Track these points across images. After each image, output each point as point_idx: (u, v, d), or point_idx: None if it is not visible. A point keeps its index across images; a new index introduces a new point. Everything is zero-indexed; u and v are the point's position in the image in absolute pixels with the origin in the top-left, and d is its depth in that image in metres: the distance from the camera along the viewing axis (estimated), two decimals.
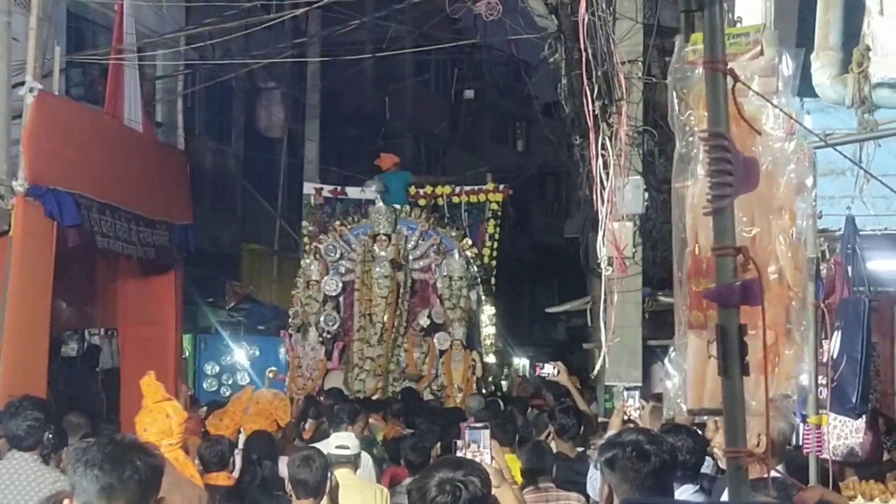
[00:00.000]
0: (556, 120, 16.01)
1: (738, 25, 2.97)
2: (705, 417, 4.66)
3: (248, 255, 19.36)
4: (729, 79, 2.48)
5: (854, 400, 6.10)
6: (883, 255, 8.59)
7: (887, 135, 6.16)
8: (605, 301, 10.16)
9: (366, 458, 8.56)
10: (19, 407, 6.55)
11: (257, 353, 18.38)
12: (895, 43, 5.09)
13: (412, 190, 17.91)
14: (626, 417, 7.30)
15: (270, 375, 14.75)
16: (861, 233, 6.93)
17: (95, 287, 13.74)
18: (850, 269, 6.37)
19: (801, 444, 6.26)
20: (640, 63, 11.56)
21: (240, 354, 18.10)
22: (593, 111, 8.95)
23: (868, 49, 5.23)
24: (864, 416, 6.74)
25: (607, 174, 10.72)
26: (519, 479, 7.21)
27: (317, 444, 7.72)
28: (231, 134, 19.81)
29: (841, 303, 6.27)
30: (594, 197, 10.00)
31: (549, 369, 9.55)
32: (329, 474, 6.48)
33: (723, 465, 4.69)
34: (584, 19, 8.62)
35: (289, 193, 21.00)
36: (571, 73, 13.13)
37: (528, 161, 24.63)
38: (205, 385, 17.89)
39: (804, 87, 6.17)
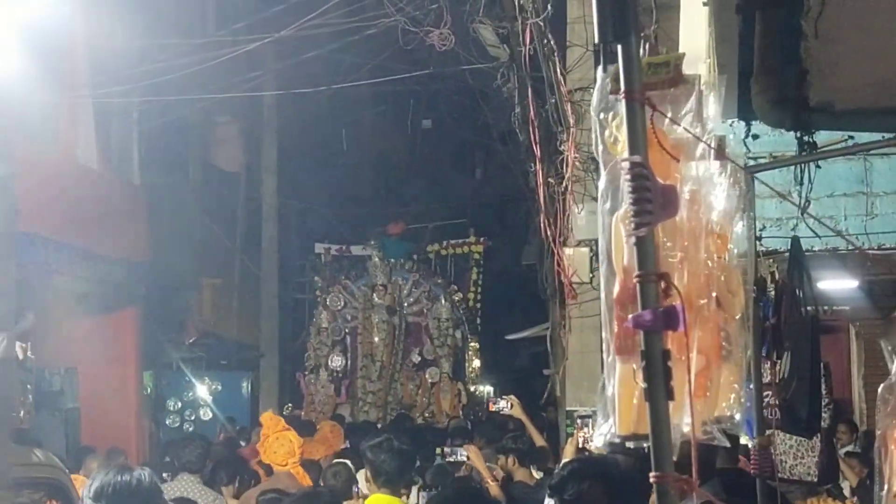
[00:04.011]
0: (513, 147, 16.10)
1: (663, 53, 3.02)
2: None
3: (208, 290, 19.28)
4: (648, 107, 2.53)
5: (805, 419, 6.15)
6: (833, 275, 8.68)
7: (814, 158, 6.25)
8: (557, 327, 10.23)
9: None
10: (188, 439, 9.09)
11: (220, 388, 18.30)
12: (830, 66, 5.16)
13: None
14: (580, 445, 7.36)
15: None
16: (808, 252, 7.00)
17: (54, 326, 13.64)
18: (797, 289, 6.42)
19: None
20: (591, 90, 11.63)
21: (202, 390, 17.98)
22: (537, 140, 9.03)
23: (806, 72, 5.29)
24: (818, 435, 6.79)
25: (563, 200, 10.81)
26: None
27: None
28: (188, 168, 19.72)
29: (789, 323, 6.33)
30: (541, 224, 10.10)
31: (502, 404, 9.69)
32: (356, 484, 8.41)
33: None
34: (529, 51, 8.70)
35: (248, 226, 20.91)
36: (524, 102, 13.22)
37: (488, 189, 24.69)
38: (167, 421, 17.74)
39: (751, 109, 6.24)
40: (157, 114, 17.35)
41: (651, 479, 2.46)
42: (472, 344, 20.39)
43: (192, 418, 17.75)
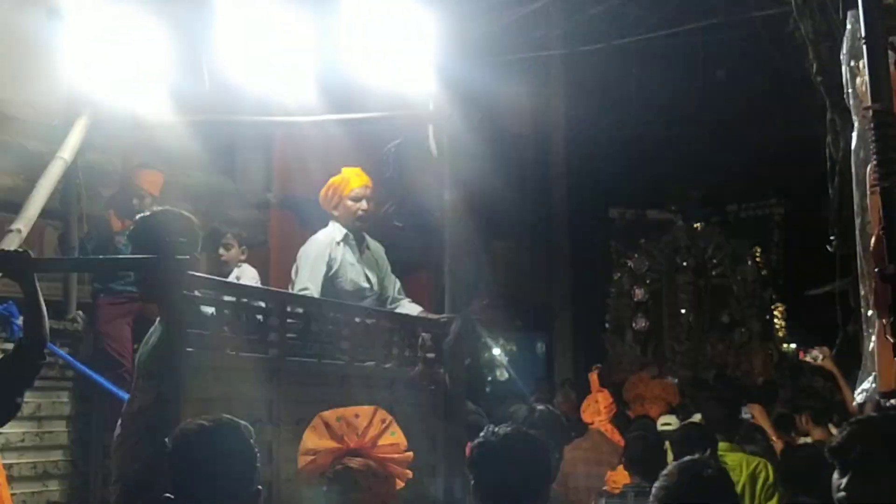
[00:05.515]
0: (808, 95, 15.44)
1: None
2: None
3: (500, 253, 19.44)
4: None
5: None
6: None
7: None
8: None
9: None
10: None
11: (514, 348, 18.51)
12: None
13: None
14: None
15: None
16: None
17: None
18: None
19: None
20: None
21: (498, 351, 18.26)
22: (826, 90, 8.58)
23: None
24: None
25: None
26: None
27: None
28: (484, 132, 19.83)
29: None
30: (834, 176, 9.63)
31: (815, 353, 9.70)
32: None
33: None
34: None
35: (538, 189, 20.89)
36: (820, 46, 12.65)
37: (785, 139, 23.74)
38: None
39: None
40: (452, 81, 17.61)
41: None
42: (779, 304, 20.39)
43: (490, 379, 18.07)
